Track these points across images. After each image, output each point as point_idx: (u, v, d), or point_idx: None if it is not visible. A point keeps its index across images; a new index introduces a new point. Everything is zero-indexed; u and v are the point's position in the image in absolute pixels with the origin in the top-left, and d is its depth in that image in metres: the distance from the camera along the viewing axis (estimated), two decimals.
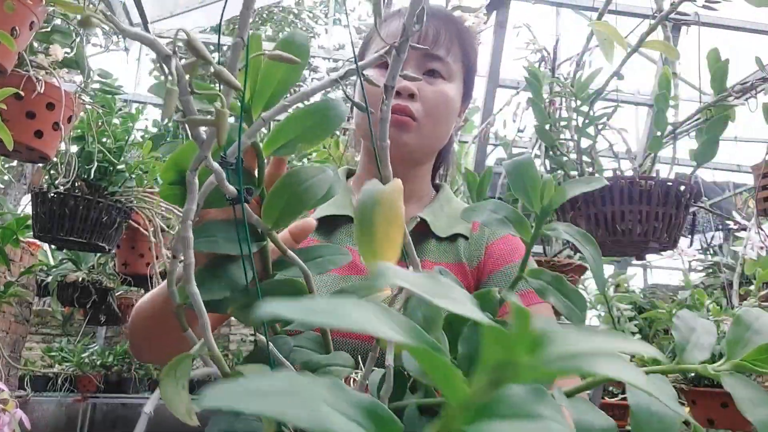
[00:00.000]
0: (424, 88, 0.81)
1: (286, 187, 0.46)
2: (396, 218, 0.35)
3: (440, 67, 0.83)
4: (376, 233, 0.34)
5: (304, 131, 0.47)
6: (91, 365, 4.96)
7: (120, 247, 2.38)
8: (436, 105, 0.82)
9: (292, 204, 0.45)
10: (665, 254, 1.55)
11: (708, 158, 1.18)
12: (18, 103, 1.34)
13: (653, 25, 1.28)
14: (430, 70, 0.83)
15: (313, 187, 0.46)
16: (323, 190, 0.46)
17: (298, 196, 0.45)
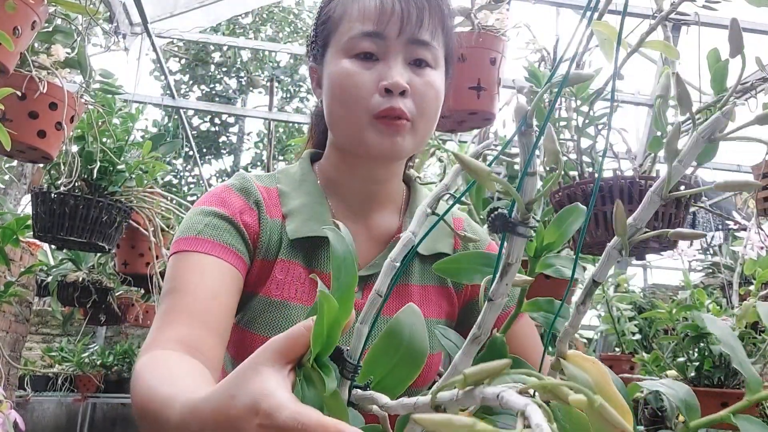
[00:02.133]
0: (414, 80, 0.72)
1: (389, 352, 0.43)
2: (625, 409, 0.36)
3: (427, 54, 0.73)
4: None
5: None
6: (91, 365, 4.97)
7: (120, 246, 2.38)
8: (428, 100, 0.73)
9: (402, 368, 0.42)
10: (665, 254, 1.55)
11: (708, 158, 1.18)
12: (21, 103, 1.34)
13: (653, 25, 1.28)
14: (417, 60, 0.73)
15: (416, 341, 0.43)
16: (425, 338, 0.43)
17: (405, 356, 0.42)
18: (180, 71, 9.87)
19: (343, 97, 0.72)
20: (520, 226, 0.31)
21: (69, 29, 1.49)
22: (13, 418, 1.21)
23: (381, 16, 0.70)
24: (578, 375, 0.38)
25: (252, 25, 9.92)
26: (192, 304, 0.64)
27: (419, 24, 0.71)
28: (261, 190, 0.78)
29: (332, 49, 0.75)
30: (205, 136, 10.06)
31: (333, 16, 0.75)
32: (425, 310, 0.74)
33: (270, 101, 4.59)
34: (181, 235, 0.72)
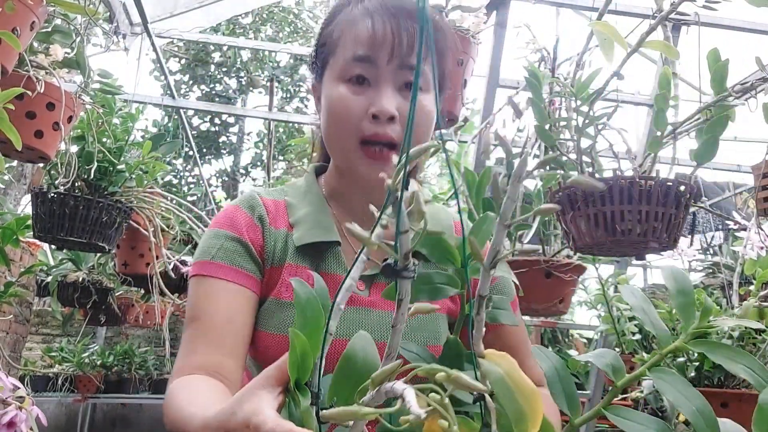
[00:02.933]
0: (404, 106, 0.74)
1: (346, 376, 0.50)
2: (534, 392, 0.45)
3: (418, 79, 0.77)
4: (524, 412, 0.44)
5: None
6: (91, 365, 4.96)
7: (120, 247, 2.38)
8: (419, 124, 0.75)
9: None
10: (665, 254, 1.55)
11: (708, 158, 1.18)
12: (18, 103, 1.34)
13: (653, 25, 1.28)
14: (408, 83, 0.75)
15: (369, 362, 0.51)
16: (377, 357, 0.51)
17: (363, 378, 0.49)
18: (180, 71, 9.87)
19: (334, 121, 0.76)
20: (404, 272, 0.41)
21: (68, 29, 1.49)
22: (35, 414, 1.22)
23: (373, 42, 0.73)
24: (491, 368, 0.46)
25: (252, 25, 9.92)
26: (210, 331, 0.73)
27: (410, 49, 0.73)
28: (268, 204, 0.83)
29: (329, 72, 0.79)
30: (205, 136, 10.06)
31: (330, 39, 0.79)
32: (440, 305, 0.81)
33: (270, 101, 4.59)
34: (197, 258, 0.79)
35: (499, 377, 0.46)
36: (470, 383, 0.37)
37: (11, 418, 1.14)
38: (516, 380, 0.46)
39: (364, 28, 0.74)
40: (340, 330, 0.74)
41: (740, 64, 1.40)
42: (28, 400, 1.20)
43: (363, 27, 0.74)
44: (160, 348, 5.86)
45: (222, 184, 10.47)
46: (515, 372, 0.46)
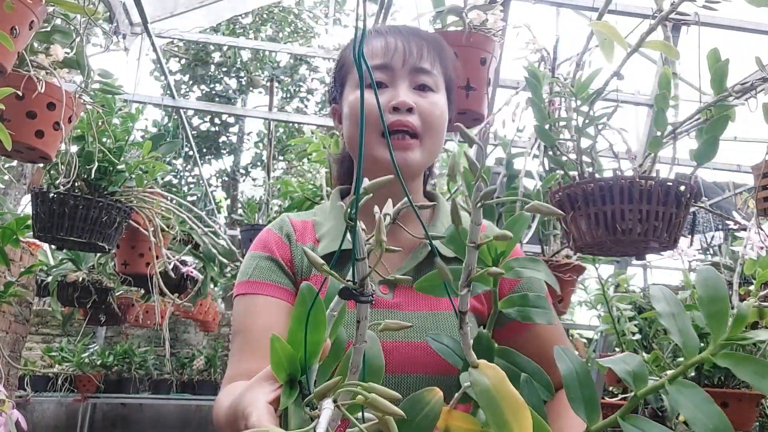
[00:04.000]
0: (419, 101, 0.84)
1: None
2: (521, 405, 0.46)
3: (428, 80, 0.86)
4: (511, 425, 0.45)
5: None
6: (91, 365, 4.97)
7: (120, 247, 2.38)
8: (433, 116, 0.84)
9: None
10: (665, 254, 1.55)
11: (708, 158, 1.18)
12: (19, 103, 1.34)
13: (653, 25, 1.28)
14: (420, 85, 0.85)
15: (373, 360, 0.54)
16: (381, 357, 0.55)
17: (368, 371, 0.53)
18: (180, 71, 9.87)
19: (358, 119, 0.84)
20: (361, 296, 0.44)
21: (68, 29, 1.49)
22: (15, 418, 1.21)
23: (386, 52, 0.85)
24: (478, 379, 0.48)
25: (252, 25, 9.91)
26: (252, 342, 0.81)
27: (420, 56, 0.85)
28: (296, 224, 0.92)
29: (348, 85, 0.89)
30: (205, 136, 10.06)
31: (347, 61, 0.90)
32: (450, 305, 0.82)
33: (270, 101, 4.59)
34: (239, 279, 0.88)
35: (485, 388, 0.47)
36: (387, 407, 0.37)
37: None
38: (503, 393, 0.46)
39: (379, 44, 0.86)
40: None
41: (740, 64, 1.40)
42: (8, 404, 1.20)
43: (377, 43, 0.86)
44: (160, 348, 5.86)
45: (222, 184, 10.47)
46: (503, 384, 0.47)
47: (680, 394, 0.48)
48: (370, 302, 0.45)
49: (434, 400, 0.51)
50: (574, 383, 0.53)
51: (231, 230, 5.65)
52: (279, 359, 0.48)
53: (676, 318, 0.52)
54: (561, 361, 0.54)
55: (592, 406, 0.52)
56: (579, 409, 0.52)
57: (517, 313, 0.59)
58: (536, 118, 1.40)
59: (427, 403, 0.51)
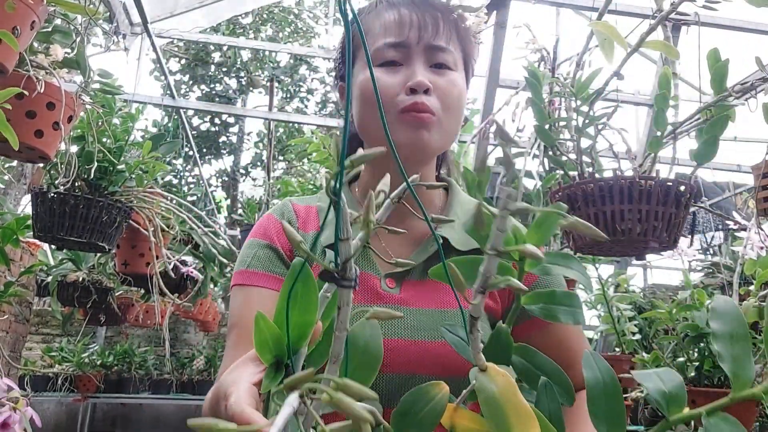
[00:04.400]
0: (437, 80, 0.78)
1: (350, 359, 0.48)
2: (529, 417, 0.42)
3: (446, 57, 0.79)
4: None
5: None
6: (91, 365, 4.97)
7: (120, 246, 2.38)
8: (451, 96, 0.78)
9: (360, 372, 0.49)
10: (665, 254, 1.55)
11: (708, 158, 1.18)
12: (18, 103, 1.34)
13: (653, 25, 1.28)
14: (437, 63, 0.79)
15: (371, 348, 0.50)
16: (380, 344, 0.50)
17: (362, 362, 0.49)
18: (180, 71, 9.87)
19: (368, 102, 0.78)
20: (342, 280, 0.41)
21: (68, 29, 1.49)
22: (29, 415, 1.22)
23: (401, 27, 0.78)
24: (485, 385, 0.44)
25: (252, 25, 9.92)
26: (247, 336, 0.73)
27: (435, 31, 0.78)
28: (299, 209, 0.86)
29: (359, 63, 0.82)
30: (205, 136, 10.06)
31: (356, 34, 0.82)
32: (463, 303, 0.77)
33: (270, 101, 4.59)
34: (236, 268, 0.83)
35: (490, 395, 0.43)
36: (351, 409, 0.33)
37: (5, 418, 1.14)
38: (510, 400, 0.43)
39: (392, 17, 0.79)
40: None
41: (740, 64, 1.40)
42: (22, 401, 1.20)
43: (390, 16, 0.79)
44: (160, 348, 5.86)
45: (222, 184, 10.48)
46: (510, 391, 0.44)
47: (718, 429, 0.42)
48: (353, 287, 0.42)
49: (440, 395, 0.48)
50: (599, 394, 0.47)
51: (231, 230, 5.66)
52: (264, 339, 0.46)
53: (733, 341, 0.45)
54: (588, 368, 0.48)
55: (617, 425, 0.46)
56: (600, 426, 0.46)
57: (540, 310, 0.53)
58: (536, 118, 1.40)
59: (432, 398, 0.49)
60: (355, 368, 0.48)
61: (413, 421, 0.48)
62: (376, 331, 0.50)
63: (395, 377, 0.72)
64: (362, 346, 0.49)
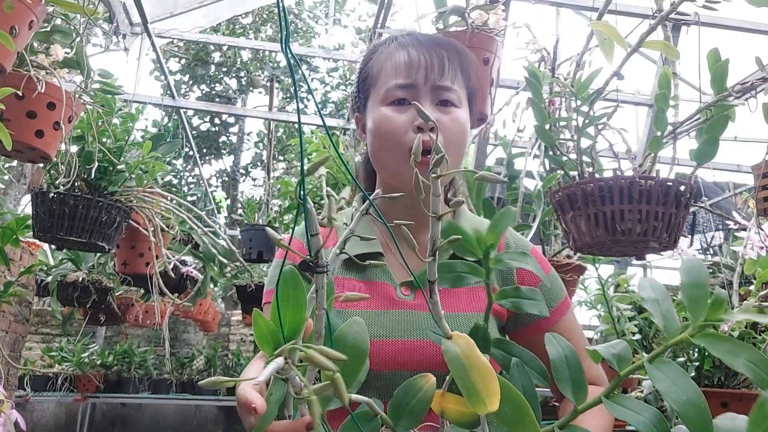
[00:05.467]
0: (441, 118, 0.85)
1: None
2: (488, 371, 0.49)
3: (450, 95, 0.86)
4: (479, 389, 0.48)
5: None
6: (90, 365, 4.97)
7: (120, 246, 2.38)
8: (455, 133, 0.85)
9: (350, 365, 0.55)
10: (665, 254, 1.55)
11: (708, 158, 1.18)
12: (19, 103, 1.34)
13: (653, 25, 1.28)
14: (443, 100, 0.86)
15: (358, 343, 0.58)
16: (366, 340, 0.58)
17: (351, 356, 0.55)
18: (180, 71, 9.87)
19: (383, 137, 0.86)
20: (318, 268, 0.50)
21: (68, 29, 1.49)
22: (14, 418, 1.21)
23: (410, 69, 0.86)
24: (449, 347, 0.52)
25: (252, 25, 9.91)
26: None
27: (441, 71, 0.86)
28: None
29: (372, 100, 0.90)
30: (205, 136, 10.06)
31: (371, 73, 0.91)
32: (474, 306, 0.85)
33: (270, 101, 4.59)
34: (266, 287, 0.91)
35: (454, 355, 0.50)
36: (321, 361, 0.40)
37: None
38: (472, 359, 0.50)
39: (402, 59, 0.87)
40: (389, 331, 0.81)
41: (740, 64, 1.40)
42: (6, 404, 1.20)
43: (401, 58, 0.87)
44: (159, 348, 5.86)
45: (222, 184, 10.48)
46: (472, 352, 0.50)
47: (658, 370, 0.51)
48: (325, 272, 0.49)
49: (427, 386, 0.56)
50: (563, 365, 0.56)
51: (231, 230, 5.66)
52: (262, 333, 0.51)
53: (660, 303, 0.55)
54: (551, 345, 0.58)
55: (579, 387, 0.56)
56: (566, 389, 0.55)
57: (510, 304, 0.62)
58: (536, 118, 1.40)
59: (420, 389, 0.56)
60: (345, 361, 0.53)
61: (405, 410, 0.55)
62: (361, 328, 0.57)
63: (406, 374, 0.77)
64: (350, 342, 0.56)
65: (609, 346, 0.56)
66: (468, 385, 0.48)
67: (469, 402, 0.48)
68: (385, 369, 0.79)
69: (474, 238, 0.58)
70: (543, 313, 0.64)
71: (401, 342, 0.80)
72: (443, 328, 0.54)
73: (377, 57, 0.91)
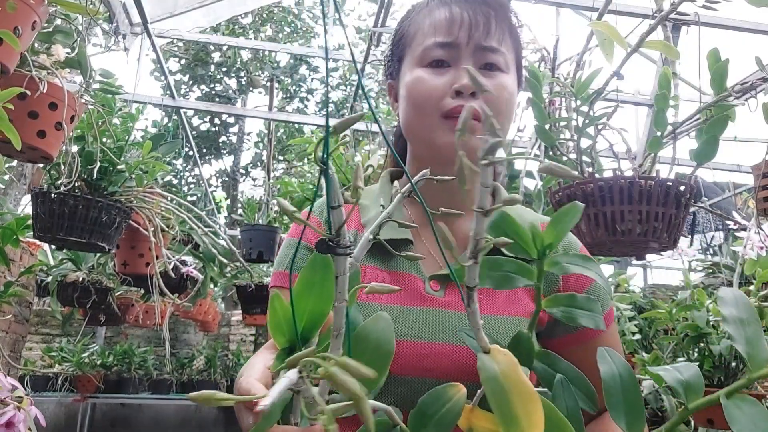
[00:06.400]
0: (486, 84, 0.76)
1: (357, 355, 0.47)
2: (532, 397, 0.41)
3: (496, 58, 0.75)
4: (519, 418, 0.40)
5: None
6: (90, 365, 4.97)
7: (120, 247, 2.38)
8: (500, 100, 0.74)
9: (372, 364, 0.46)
10: (665, 254, 1.55)
11: (708, 158, 1.19)
12: (21, 103, 1.34)
13: (653, 25, 1.28)
14: (487, 64, 0.75)
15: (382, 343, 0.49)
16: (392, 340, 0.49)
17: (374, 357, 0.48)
18: (180, 71, 9.87)
19: (417, 101, 0.75)
20: (339, 248, 0.40)
21: (69, 29, 1.49)
22: (33, 414, 1.21)
23: (451, 27, 0.75)
24: (487, 365, 0.43)
25: (252, 25, 9.92)
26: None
27: (486, 31, 0.75)
28: None
29: (407, 62, 0.79)
30: (205, 136, 10.06)
31: (407, 32, 0.81)
32: (513, 309, 0.74)
33: (270, 101, 4.59)
34: (275, 268, 0.81)
35: (492, 375, 0.42)
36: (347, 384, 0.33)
37: (9, 418, 1.14)
38: (513, 380, 0.42)
39: (443, 15, 0.76)
40: (415, 331, 0.71)
41: (740, 64, 1.40)
42: (26, 400, 1.20)
43: (441, 14, 0.76)
44: (159, 348, 5.86)
45: (222, 184, 10.48)
46: (514, 372, 0.42)
47: (737, 408, 0.43)
48: (348, 254, 0.41)
49: (457, 396, 0.47)
50: (616, 388, 0.47)
51: (231, 230, 5.66)
52: (278, 320, 0.45)
53: (745, 325, 0.46)
54: (603, 363, 0.49)
55: (635, 416, 0.46)
56: (619, 418, 0.46)
57: (561, 313, 0.53)
58: (536, 118, 1.40)
59: (449, 399, 0.47)
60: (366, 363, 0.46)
61: (430, 422, 0.47)
62: (388, 325, 0.49)
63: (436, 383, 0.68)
64: (373, 341, 0.48)
65: (675, 370, 0.47)
66: (506, 412, 0.41)
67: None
68: (407, 374, 0.69)
69: (530, 235, 0.50)
70: (599, 327, 0.53)
71: (428, 344, 0.70)
72: (481, 341, 0.45)
73: (414, 16, 0.81)
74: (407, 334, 0.70)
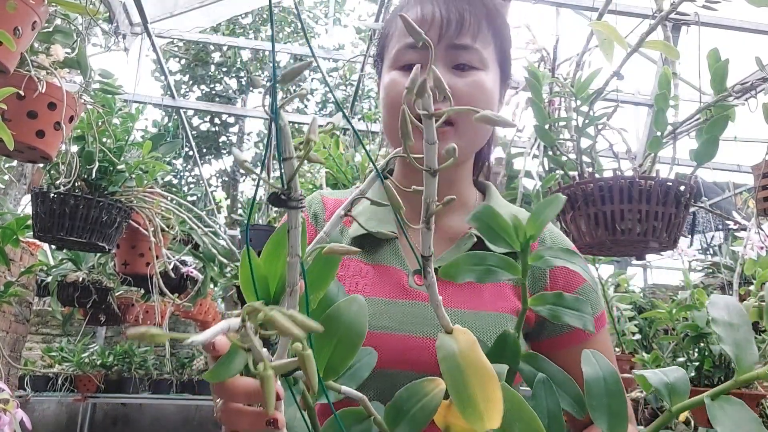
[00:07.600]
0: (456, 83, 0.72)
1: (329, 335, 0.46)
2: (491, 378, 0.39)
3: (469, 57, 0.73)
4: (475, 398, 0.38)
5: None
6: (91, 365, 4.96)
7: (120, 246, 2.38)
8: (472, 99, 0.72)
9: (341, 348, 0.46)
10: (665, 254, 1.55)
11: (708, 158, 1.19)
12: (20, 103, 1.34)
13: (653, 25, 1.28)
14: (459, 64, 0.73)
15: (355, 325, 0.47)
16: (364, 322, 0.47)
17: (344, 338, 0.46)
18: (180, 71, 9.87)
19: (390, 104, 0.75)
20: (291, 201, 0.39)
21: (68, 29, 1.49)
22: (19, 417, 1.21)
23: (421, 27, 0.72)
24: (445, 342, 0.42)
25: (252, 25, 9.92)
26: None
27: (459, 28, 0.72)
28: (327, 202, 0.84)
29: (385, 64, 0.79)
30: (205, 136, 10.06)
31: (385, 34, 0.81)
32: (500, 305, 0.74)
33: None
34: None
35: (450, 353, 0.40)
36: (285, 326, 0.30)
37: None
38: (471, 359, 0.40)
39: (414, 15, 0.74)
40: (398, 324, 0.70)
41: (740, 64, 1.40)
42: (12, 403, 1.20)
43: (412, 14, 0.75)
44: (160, 348, 5.86)
45: (222, 184, 10.48)
46: (472, 350, 0.40)
47: (721, 410, 0.42)
48: (299, 208, 0.40)
49: (435, 392, 0.45)
50: (599, 391, 0.46)
51: (231, 230, 5.66)
52: (247, 278, 0.43)
53: (735, 329, 0.45)
54: (588, 364, 0.47)
55: (618, 420, 0.45)
56: (601, 420, 0.45)
57: (548, 311, 0.52)
58: (536, 118, 1.40)
59: (426, 394, 0.45)
60: (337, 343, 0.46)
61: (405, 418, 0.45)
62: (362, 308, 0.48)
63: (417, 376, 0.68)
64: (345, 322, 0.47)
65: (662, 373, 0.46)
66: (462, 392, 0.38)
67: (463, 415, 0.38)
68: (389, 367, 0.68)
69: (512, 227, 0.49)
70: (587, 328, 0.52)
71: (410, 338, 0.69)
72: (442, 320, 0.44)
73: (393, 16, 0.80)
74: (389, 326, 0.70)
